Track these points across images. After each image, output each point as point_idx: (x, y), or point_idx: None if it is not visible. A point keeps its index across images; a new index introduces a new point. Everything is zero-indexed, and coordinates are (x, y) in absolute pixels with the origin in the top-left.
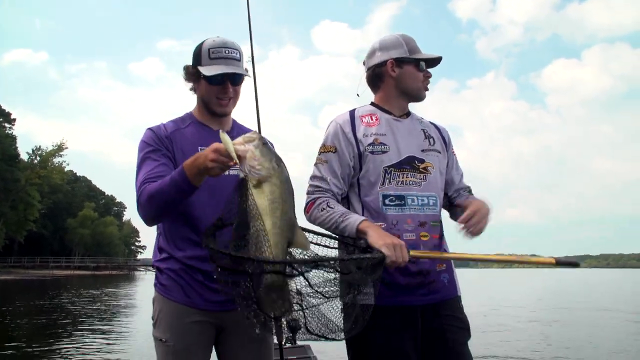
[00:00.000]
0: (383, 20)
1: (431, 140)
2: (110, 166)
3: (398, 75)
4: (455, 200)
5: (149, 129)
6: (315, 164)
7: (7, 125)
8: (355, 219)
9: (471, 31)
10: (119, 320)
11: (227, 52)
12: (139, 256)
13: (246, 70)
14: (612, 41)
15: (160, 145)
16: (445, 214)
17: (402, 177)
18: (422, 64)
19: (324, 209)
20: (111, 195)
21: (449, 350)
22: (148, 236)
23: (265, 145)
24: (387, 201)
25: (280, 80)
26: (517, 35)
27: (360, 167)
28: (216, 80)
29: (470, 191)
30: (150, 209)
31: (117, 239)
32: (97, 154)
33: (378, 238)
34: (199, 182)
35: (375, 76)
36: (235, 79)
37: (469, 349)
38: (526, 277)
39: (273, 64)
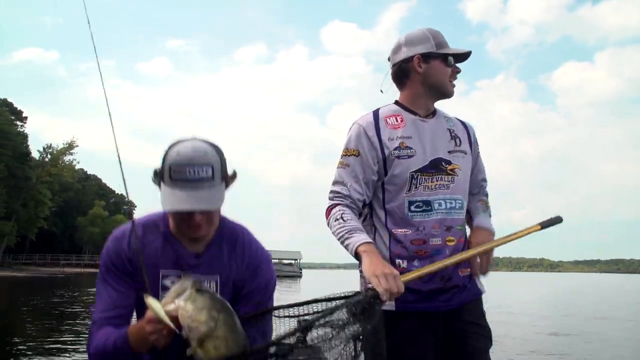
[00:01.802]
0: (392, 21)
1: (457, 140)
2: (122, 165)
3: (425, 71)
4: (470, 200)
5: (114, 236)
6: (337, 168)
7: (18, 123)
8: (355, 241)
9: (481, 32)
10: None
11: (192, 172)
12: None
13: (225, 186)
14: (624, 44)
15: (118, 268)
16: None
17: (429, 182)
18: (451, 59)
19: (337, 219)
20: (121, 194)
21: (469, 357)
22: None
23: (199, 294)
24: (413, 207)
25: (288, 80)
26: (527, 36)
27: (385, 172)
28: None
29: (485, 192)
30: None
31: None
32: (107, 152)
33: (368, 267)
34: (147, 350)
35: (401, 72)
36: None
37: (489, 357)
38: (535, 280)
39: (281, 64)
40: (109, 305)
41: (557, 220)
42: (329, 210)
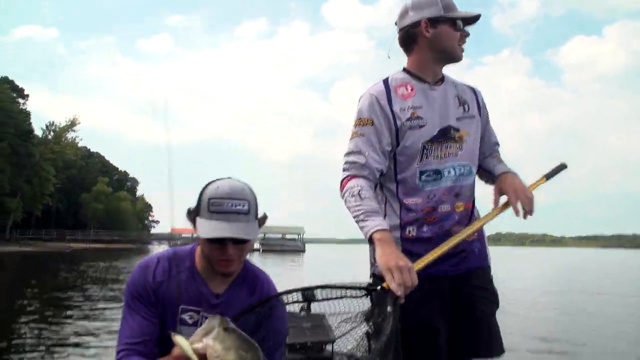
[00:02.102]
0: None
1: (466, 106)
2: (123, 142)
3: (433, 36)
4: (484, 162)
5: (140, 267)
6: (351, 139)
7: (20, 100)
8: (371, 226)
9: (489, 6)
10: None
11: (230, 205)
12: (152, 230)
13: (258, 225)
14: (635, 16)
15: (143, 297)
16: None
17: (439, 151)
18: (459, 22)
19: (354, 195)
20: (124, 171)
21: (477, 321)
22: (161, 211)
23: (227, 333)
24: (423, 177)
25: (289, 55)
26: (534, 10)
27: (397, 143)
28: (214, 239)
29: (497, 151)
30: None
31: (130, 213)
32: (109, 130)
33: (382, 258)
34: None
35: (408, 37)
36: (239, 239)
37: (496, 321)
38: (537, 255)
39: (282, 40)
40: (135, 333)
41: (560, 167)
42: (344, 182)
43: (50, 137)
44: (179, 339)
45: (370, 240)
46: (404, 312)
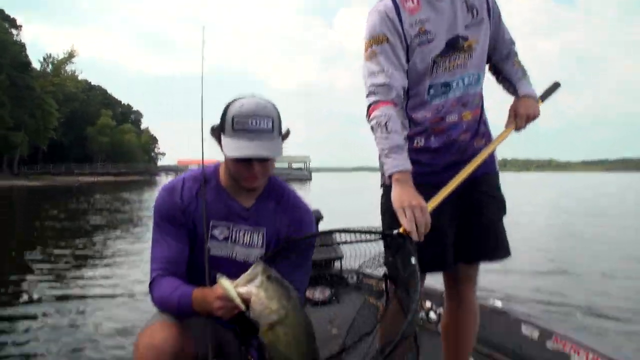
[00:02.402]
0: None
1: (474, 11)
2: (124, 75)
3: None
4: (505, 68)
5: (165, 190)
6: (369, 60)
7: (13, 31)
8: (392, 165)
9: None
10: (144, 222)
11: (254, 123)
12: (159, 162)
13: (281, 142)
14: None
15: (172, 218)
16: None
17: (448, 63)
18: None
19: (380, 126)
20: (127, 104)
21: (484, 227)
22: (167, 143)
23: (270, 281)
24: (432, 91)
25: None
26: None
27: (407, 60)
28: (240, 158)
29: (516, 53)
30: (159, 308)
31: (136, 146)
32: (109, 61)
33: (396, 197)
34: (206, 315)
35: None
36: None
37: (503, 226)
38: (543, 180)
39: None
40: (166, 254)
41: (554, 87)
42: (371, 109)
43: (49, 69)
44: (224, 282)
45: (389, 178)
46: None
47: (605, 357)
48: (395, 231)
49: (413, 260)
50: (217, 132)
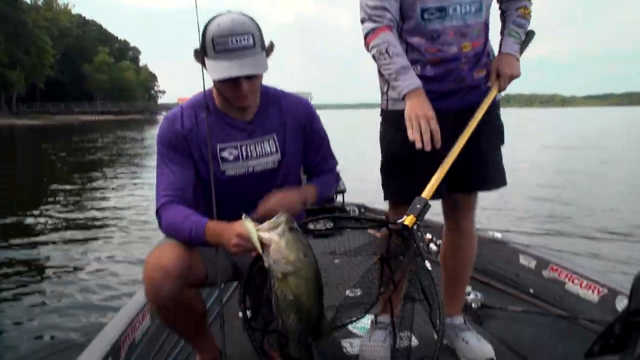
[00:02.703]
0: None
1: None
2: (120, 9)
3: None
4: (506, 7)
5: (166, 119)
6: None
7: None
8: (402, 86)
9: None
10: (145, 158)
11: (234, 41)
12: (159, 100)
13: (265, 57)
14: None
15: (175, 145)
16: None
17: None
18: None
19: (382, 53)
20: (124, 40)
21: (481, 156)
22: (167, 80)
23: (291, 233)
24: (426, 15)
25: None
26: None
27: None
28: (226, 79)
29: (524, 16)
30: (168, 235)
31: (135, 83)
32: None
33: (407, 111)
34: (216, 246)
35: None
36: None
37: (501, 155)
38: (547, 117)
39: None
40: (173, 181)
41: (529, 38)
42: (369, 38)
43: (40, 3)
44: (247, 224)
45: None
46: (407, 145)
47: (597, 283)
48: (399, 221)
49: (428, 265)
50: (201, 55)
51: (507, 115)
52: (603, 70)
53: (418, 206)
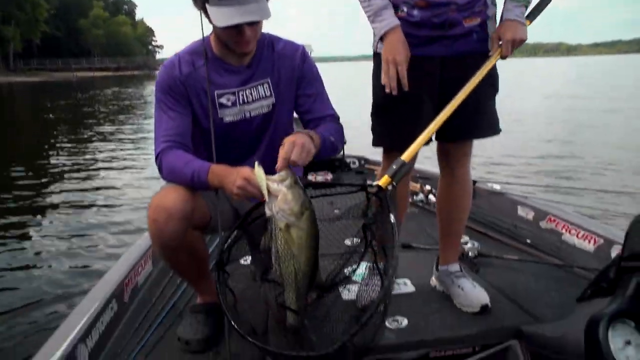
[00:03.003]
0: None
1: None
2: None
3: None
4: None
5: (164, 66)
6: None
7: None
8: (379, 27)
9: None
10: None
11: None
12: (157, 56)
13: (266, 2)
14: None
15: (174, 91)
16: None
17: None
18: None
19: None
20: None
21: (473, 102)
22: (164, 35)
23: (296, 186)
24: None
25: None
26: None
27: None
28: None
29: None
30: (168, 180)
31: (132, 38)
32: None
33: (382, 55)
34: (216, 189)
35: None
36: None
37: (493, 105)
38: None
39: None
40: (171, 127)
41: (544, 3)
42: None
43: None
44: (258, 171)
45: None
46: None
47: (594, 233)
48: (374, 183)
49: (392, 217)
50: (201, 1)
51: (509, 65)
52: (610, 16)
53: (394, 167)
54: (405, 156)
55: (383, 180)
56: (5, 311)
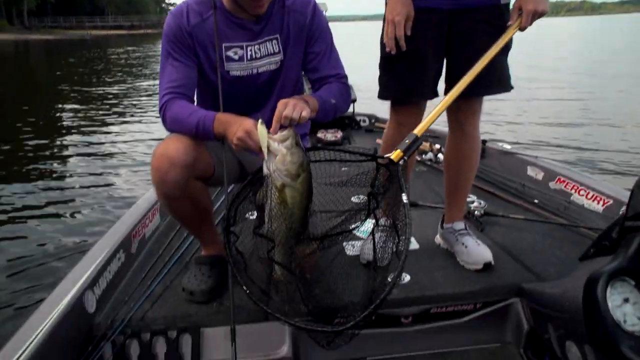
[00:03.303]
0: None
1: None
2: None
3: None
4: None
5: (171, 13)
6: None
7: None
8: None
9: None
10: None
11: None
12: None
13: None
14: None
15: (180, 41)
16: None
17: None
18: None
19: None
20: None
21: (475, 53)
22: None
23: (297, 147)
24: None
25: None
26: None
27: None
28: None
29: None
30: (172, 130)
31: None
32: None
33: (388, 10)
34: (218, 139)
35: None
36: None
37: (506, 62)
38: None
39: None
40: (176, 77)
41: None
42: None
43: None
44: (261, 129)
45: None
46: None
47: (604, 194)
48: (386, 155)
49: (404, 197)
50: None
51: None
52: None
53: (407, 141)
54: (418, 130)
55: (395, 154)
56: (19, 257)
